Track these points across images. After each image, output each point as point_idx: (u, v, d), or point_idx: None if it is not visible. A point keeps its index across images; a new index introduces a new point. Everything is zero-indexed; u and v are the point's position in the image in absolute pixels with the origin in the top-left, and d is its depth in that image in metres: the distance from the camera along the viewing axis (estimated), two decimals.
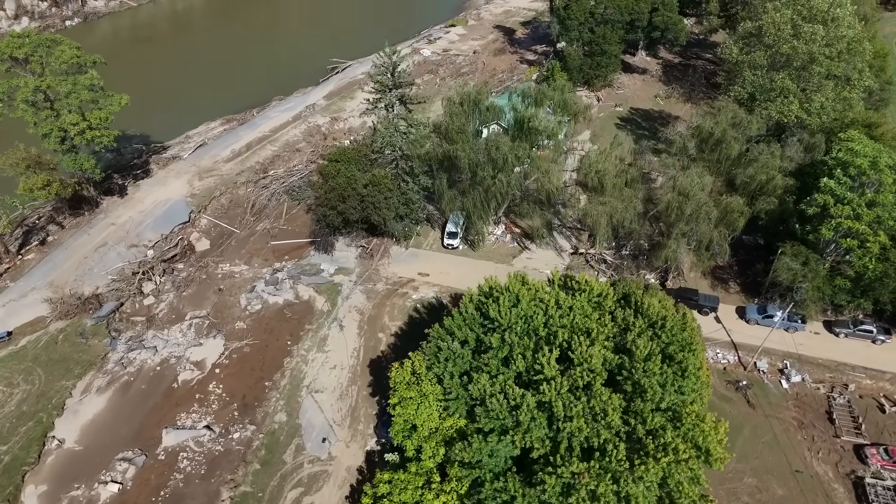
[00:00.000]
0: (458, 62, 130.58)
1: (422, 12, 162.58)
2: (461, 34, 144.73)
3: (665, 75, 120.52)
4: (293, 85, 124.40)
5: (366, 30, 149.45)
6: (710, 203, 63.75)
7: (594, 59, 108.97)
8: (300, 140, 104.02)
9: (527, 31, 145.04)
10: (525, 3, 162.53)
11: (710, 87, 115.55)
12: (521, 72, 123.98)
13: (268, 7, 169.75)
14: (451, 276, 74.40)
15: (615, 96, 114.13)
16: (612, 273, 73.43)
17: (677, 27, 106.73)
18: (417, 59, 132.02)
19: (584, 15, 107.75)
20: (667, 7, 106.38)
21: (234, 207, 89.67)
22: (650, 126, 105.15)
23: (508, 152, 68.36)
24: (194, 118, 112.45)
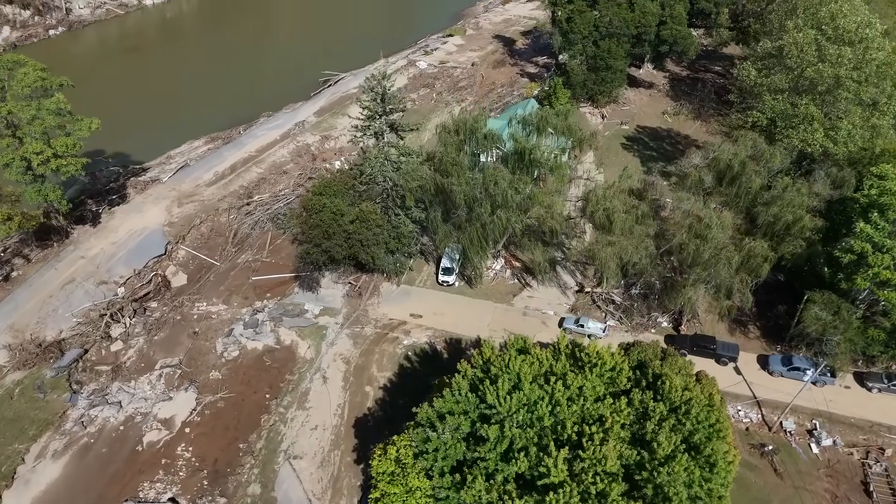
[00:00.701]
0: (456, 75, 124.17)
1: (418, 21, 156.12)
2: (459, 45, 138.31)
3: (673, 90, 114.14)
4: (283, 100, 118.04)
5: (360, 40, 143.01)
6: (731, 247, 57.43)
7: (598, 74, 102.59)
8: (288, 161, 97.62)
9: (527, 42, 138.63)
10: (525, 11, 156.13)
11: (721, 102, 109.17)
12: (521, 86, 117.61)
13: (259, 16, 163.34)
14: (446, 317, 68.09)
15: (621, 113, 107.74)
16: (620, 315, 67.10)
17: (686, 41, 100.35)
18: (413, 71, 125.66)
19: (587, 28, 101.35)
20: (675, 20, 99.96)
21: (215, 237, 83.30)
22: (658, 146, 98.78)
23: (508, 187, 62.01)
24: (177, 136, 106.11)
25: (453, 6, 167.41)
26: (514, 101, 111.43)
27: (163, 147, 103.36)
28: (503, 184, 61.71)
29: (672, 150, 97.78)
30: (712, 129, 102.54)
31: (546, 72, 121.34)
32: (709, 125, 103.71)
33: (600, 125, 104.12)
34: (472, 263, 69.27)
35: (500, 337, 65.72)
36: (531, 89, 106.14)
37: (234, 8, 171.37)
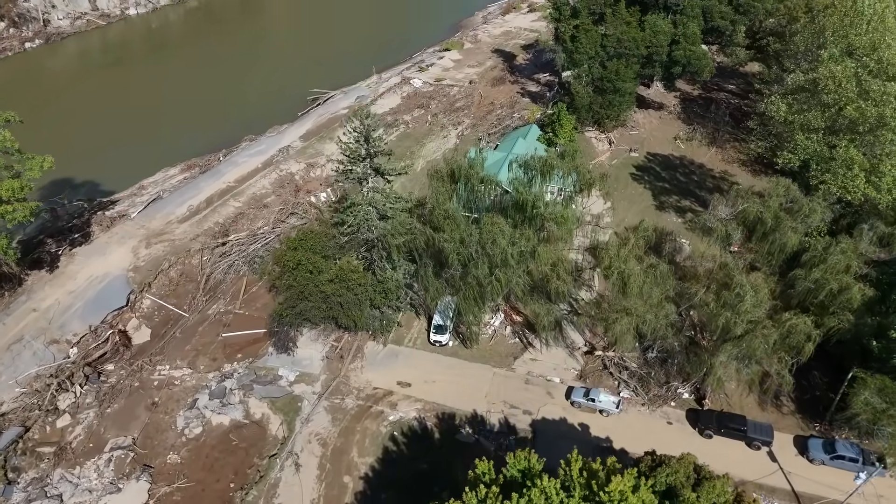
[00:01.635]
0: (453, 94, 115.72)
1: (414, 34, 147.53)
2: (456, 60, 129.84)
3: (684, 111, 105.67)
4: (267, 121, 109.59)
5: (352, 54, 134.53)
6: (768, 322, 49.09)
7: (605, 96, 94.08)
8: (269, 193, 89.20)
9: (528, 57, 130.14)
10: (526, 23, 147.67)
11: (737, 125, 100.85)
12: (522, 106, 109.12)
13: (248, 27, 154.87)
14: (438, 386, 59.72)
15: (629, 138, 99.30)
16: (636, 386, 58.75)
17: (701, 62, 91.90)
18: (407, 90, 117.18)
19: (594, 48, 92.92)
20: (688, 39, 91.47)
21: (186, 282, 74.98)
22: (671, 176, 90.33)
23: (507, 246, 53.63)
24: (153, 162, 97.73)
25: (451, 17, 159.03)
26: (514, 123, 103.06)
27: (136, 174, 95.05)
28: (502, 242, 53.33)
29: (686, 181, 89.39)
30: (729, 157, 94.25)
31: (549, 90, 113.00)
32: (725, 152, 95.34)
33: (607, 152, 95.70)
34: (468, 325, 60.91)
35: (499, 411, 57.59)
36: (533, 113, 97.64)
37: (222, 18, 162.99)
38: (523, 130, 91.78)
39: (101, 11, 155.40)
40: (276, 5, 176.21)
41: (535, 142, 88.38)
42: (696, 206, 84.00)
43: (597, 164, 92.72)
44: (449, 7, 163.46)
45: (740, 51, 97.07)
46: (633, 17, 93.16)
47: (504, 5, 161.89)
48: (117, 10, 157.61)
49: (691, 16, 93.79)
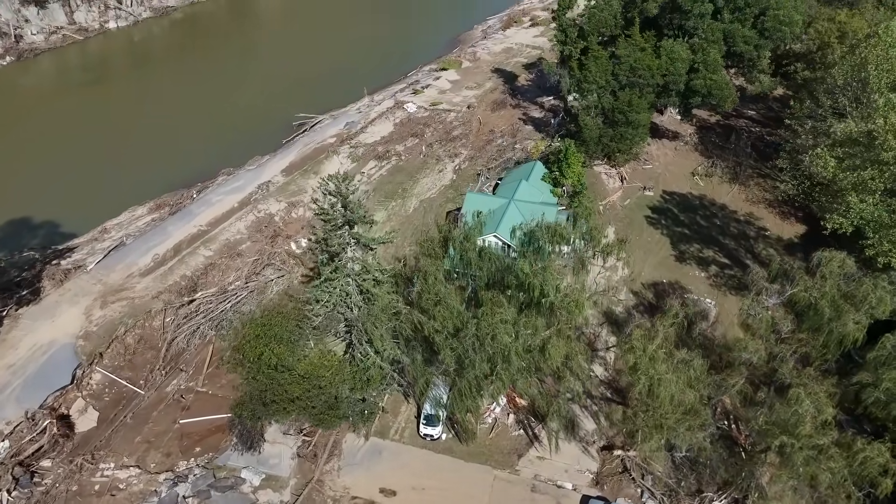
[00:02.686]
0: (449, 120, 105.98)
1: (409, 50, 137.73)
2: (454, 80, 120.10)
3: (702, 141, 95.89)
4: (248, 150, 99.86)
5: (343, 72, 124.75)
6: (833, 450, 39.48)
7: (617, 129, 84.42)
8: (244, 239, 79.51)
9: (531, 77, 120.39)
10: (528, 38, 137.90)
11: (760, 158, 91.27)
12: (525, 135, 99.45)
13: (234, 42, 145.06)
14: (428, 496, 50.09)
15: (642, 173, 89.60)
16: (662, 496, 49.15)
17: (722, 92, 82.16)
18: (400, 115, 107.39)
19: (604, 76, 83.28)
20: (709, 67, 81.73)
21: (144, 349, 65.33)
22: (691, 220, 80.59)
23: (511, 343, 43.94)
24: (120, 199, 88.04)
25: (449, 31, 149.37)
26: (516, 156, 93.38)
27: (100, 214, 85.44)
28: (505, 338, 43.61)
29: (707, 225, 79.69)
30: (753, 197, 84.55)
31: (553, 117, 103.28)
32: (748, 190, 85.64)
33: (619, 190, 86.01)
34: (463, 418, 51.27)
35: None
36: (537, 148, 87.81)
37: (208, 31, 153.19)
38: (526, 169, 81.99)
39: (78, 25, 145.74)
40: (265, 16, 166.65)
41: (539, 182, 78.76)
42: (720, 255, 74.39)
43: (608, 204, 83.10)
44: (447, 21, 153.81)
45: (765, 77, 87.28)
46: (648, 42, 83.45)
47: (504, 19, 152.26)
48: (96, 24, 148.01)
49: (711, 40, 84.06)
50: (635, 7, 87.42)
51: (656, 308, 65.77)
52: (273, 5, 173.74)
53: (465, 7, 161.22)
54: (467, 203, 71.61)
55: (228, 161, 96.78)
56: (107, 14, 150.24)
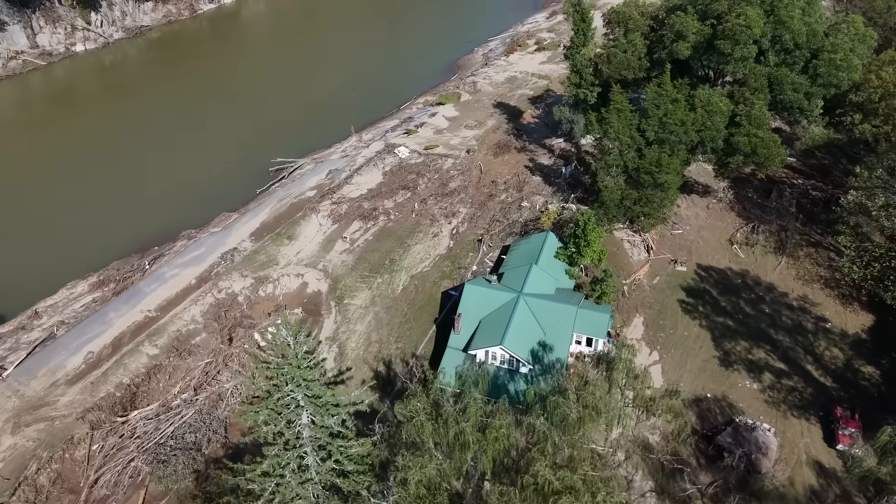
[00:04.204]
0: (446, 168, 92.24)
1: (402, 78, 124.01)
2: (452, 117, 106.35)
3: (737, 198, 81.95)
4: (218, 202, 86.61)
5: (327, 106, 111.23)
6: None
7: (642, 191, 70.65)
8: (199, 328, 65.87)
9: (537, 114, 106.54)
10: (534, 66, 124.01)
11: (808, 220, 77.56)
12: (532, 188, 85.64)
13: (212, 66, 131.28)
14: None
15: (671, 241, 75.87)
16: None
17: (769, 151, 68.35)
18: (391, 162, 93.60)
19: (628, 132, 69.58)
20: (753, 122, 67.92)
21: (61, 493, 51.76)
22: (734, 306, 66.76)
23: None
24: (60, 270, 74.95)
25: (447, 55, 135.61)
26: (523, 217, 79.68)
27: (34, 291, 72.37)
28: None
29: (754, 313, 65.85)
30: (805, 272, 70.66)
31: (564, 165, 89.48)
32: (798, 263, 71.80)
33: (646, 264, 72.23)
34: None
35: None
36: (549, 216, 73.77)
37: (186, 52, 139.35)
38: (536, 242, 68.00)
39: (41, 49, 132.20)
40: (249, 37, 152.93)
41: (552, 261, 65.06)
42: (774, 357, 60.65)
43: (634, 283, 69.34)
44: (445, 44, 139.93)
45: (816, 129, 73.44)
46: (681, 91, 69.66)
47: (507, 42, 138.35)
48: (61, 48, 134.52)
49: (755, 88, 70.24)
50: (663, 47, 73.70)
51: (702, 439, 52.26)
52: (258, 25, 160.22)
53: (464, 28, 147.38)
54: (466, 298, 57.89)
55: (193, 217, 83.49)
56: (74, 36, 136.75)
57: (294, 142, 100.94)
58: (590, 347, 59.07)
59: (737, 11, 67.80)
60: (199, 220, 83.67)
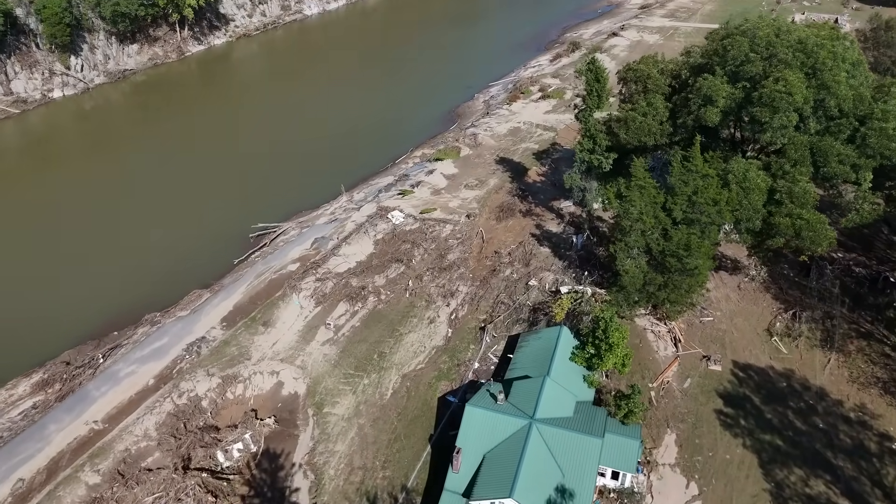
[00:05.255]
0: (444, 236, 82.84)
1: (399, 127, 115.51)
2: (451, 175, 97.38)
3: (771, 276, 72.22)
4: (190, 277, 77.17)
5: (317, 158, 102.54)
6: None
7: (668, 276, 60.98)
8: (153, 446, 55.62)
9: (543, 170, 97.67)
10: (538, 115, 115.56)
11: (854, 301, 67.80)
12: (539, 262, 75.94)
13: (194, 117, 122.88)
14: None
15: (701, 330, 65.96)
16: None
17: (816, 233, 58.94)
18: (384, 228, 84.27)
19: (652, 211, 60.19)
20: (796, 199, 58.56)
21: None
22: (780, 418, 56.37)
23: None
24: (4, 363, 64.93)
25: (446, 101, 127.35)
26: (530, 299, 69.88)
27: None
28: None
29: (806, 427, 55.49)
30: (859, 373, 60.43)
31: (575, 233, 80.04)
32: (850, 361, 61.69)
33: (674, 361, 62.18)
34: None
35: None
36: (561, 307, 63.78)
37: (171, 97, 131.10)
38: (548, 340, 57.95)
39: (16, 96, 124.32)
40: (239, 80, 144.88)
41: (567, 364, 55.13)
42: (836, 492, 50.25)
43: (661, 387, 59.26)
44: (444, 89, 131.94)
45: (866, 206, 64.00)
46: (713, 165, 60.41)
47: (510, 88, 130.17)
48: (38, 94, 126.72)
49: (795, 160, 61.02)
50: (688, 112, 64.63)
51: None
52: (249, 67, 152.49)
53: (464, 72, 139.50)
54: (466, 426, 47.80)
55: (161, 293, 74.16)
56: (51, 81, 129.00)
57: (280, 201, 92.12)
58: (615, 481, 48.97)
59: (775, 76, 58.84)
60: (168, 298, 74.14)
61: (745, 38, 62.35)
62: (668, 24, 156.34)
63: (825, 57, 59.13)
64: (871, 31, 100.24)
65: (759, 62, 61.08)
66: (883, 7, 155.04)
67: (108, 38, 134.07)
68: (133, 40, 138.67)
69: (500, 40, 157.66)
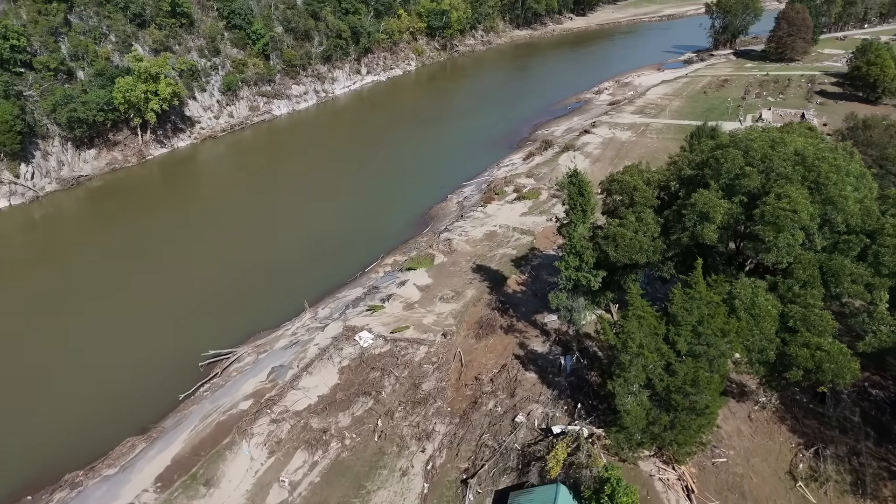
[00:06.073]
0: (418, 360, 74.11)
1: (368, 232, 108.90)
2: (424, 286, 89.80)
3: (783, 404, 64.45)
4: (127, 420, 66.43)
5: (279, 269, 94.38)
6: None
7: (674, 414, 52.70)
8: None
9: (523, 279, 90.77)
10: (514, 218, 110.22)
11: (878, 430, 59.95)
12: (527, 390, 67.34)
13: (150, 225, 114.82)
14: None
15: (713, 473, 57.14)
16: None
17: (839, 366, 52.10)
18: (349, 353, 75.30)
19: (654, 342, 52.70)
20: (813, 328, 51.86)
21: None
22: None
23: None
24: None
25: (418, 203, 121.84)
26: (518, 437, 60.66)
27: None
28: None
29: None
30: None
31: (562, 353, 72.06)
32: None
33: None
34: None
35: None
36: (556, 462, 54.59)
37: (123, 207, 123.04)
38: (540, 494, 48.70)
39: None
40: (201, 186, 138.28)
41: None
42: None
43: None
44: (416, 189, 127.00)
45: (884, 329, 57.54)
46: (717, 290, 53.73)
47: (484, 188, 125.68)
48: None
49: (805, 280, 54.81)
50: (683, 229, 58.63)
51: None
52: (213, 169, 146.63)
53: (436, 171, 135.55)
54: None
55: (89, 442, 63.35)
56: None
57: (236, 320, 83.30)
58: None
59: (776, 191, 53.48)
60: (97, 448, 63.16)
61: (738, 151, 57.49)
62: (638, 121, 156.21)
63: (828, 170, 54.23)
64: (847, 131, 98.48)
65: (757, 175, 55.95)
66: (845, 101, 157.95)
67: (63, 144, 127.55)
68: (91, 145, 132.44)
69: (472, 138, 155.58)
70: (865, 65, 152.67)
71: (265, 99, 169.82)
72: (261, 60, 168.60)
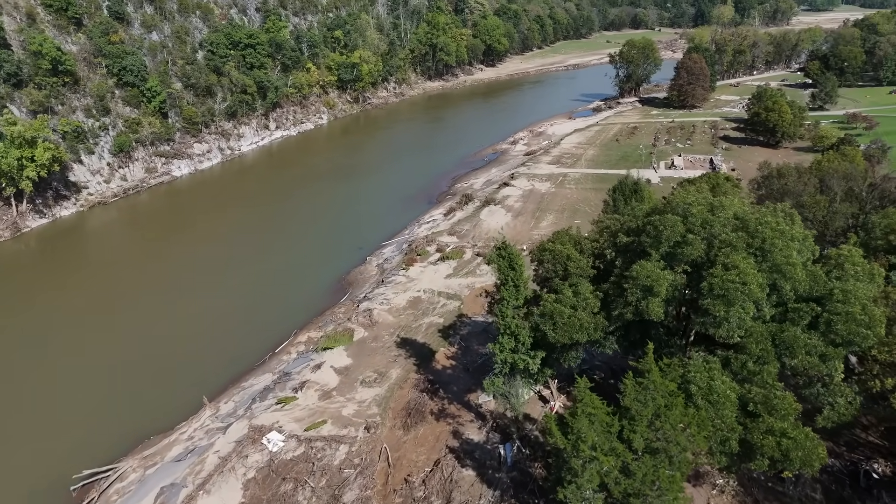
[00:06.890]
0: (338, 463, 63.89)
1: (277, 307, 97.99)
2: (343, 368, 79.98)
3: (741, 484, 58.95)
4: None
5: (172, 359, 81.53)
6: None
7: None
8: None
9: (452, 352, 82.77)
10: (439, 281, 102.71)
11: None
12: (463, 491, 58.72)
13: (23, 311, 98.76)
14: None
15: None
16: None
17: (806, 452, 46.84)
18: (256, 461, 64.01)
19: (607, 442, 45.67)
20: (776, 412, 46.63)
21: None
22: None
23: None
24: None
25: (334, 268, 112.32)
26: None
27: None
28: None
29: None
30: None
31: (502, 441, 63.98)
32: None
33: None
34: None
35: None
36: None
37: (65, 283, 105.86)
38: None
39: None
40: (83, 259, 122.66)
41: None
42: None
43: None
44: (331, 252, 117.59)
45: (841, 401, 53.37)
46: (671, 376, 47.73)
47: (405, 248, 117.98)
48: None
49: (758, 354, 49.99)
50: (625, 304, 52.77)
51: None
52: (99, 241, 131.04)
53: (353, 231, 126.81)
54: None
55: None
56: None
57: (120, 425, 70.29)
58: None
59: (723, 261, 48.69)
60: None
61: (676, 217, 52.68)
62: (556, 171, 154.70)
63: (772, 236, 50.16)
64: (762, 179, 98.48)
65: (700, 243, 51.16)
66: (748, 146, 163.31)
67: None
68: None
69: (391, 193, 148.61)
70: (764, 111, 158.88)
71: (163, 159, 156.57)
72: (157, 119, 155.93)
